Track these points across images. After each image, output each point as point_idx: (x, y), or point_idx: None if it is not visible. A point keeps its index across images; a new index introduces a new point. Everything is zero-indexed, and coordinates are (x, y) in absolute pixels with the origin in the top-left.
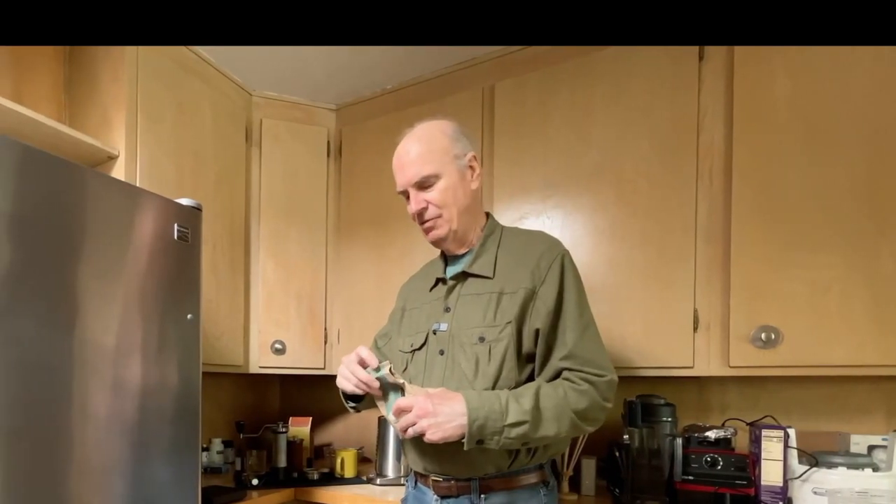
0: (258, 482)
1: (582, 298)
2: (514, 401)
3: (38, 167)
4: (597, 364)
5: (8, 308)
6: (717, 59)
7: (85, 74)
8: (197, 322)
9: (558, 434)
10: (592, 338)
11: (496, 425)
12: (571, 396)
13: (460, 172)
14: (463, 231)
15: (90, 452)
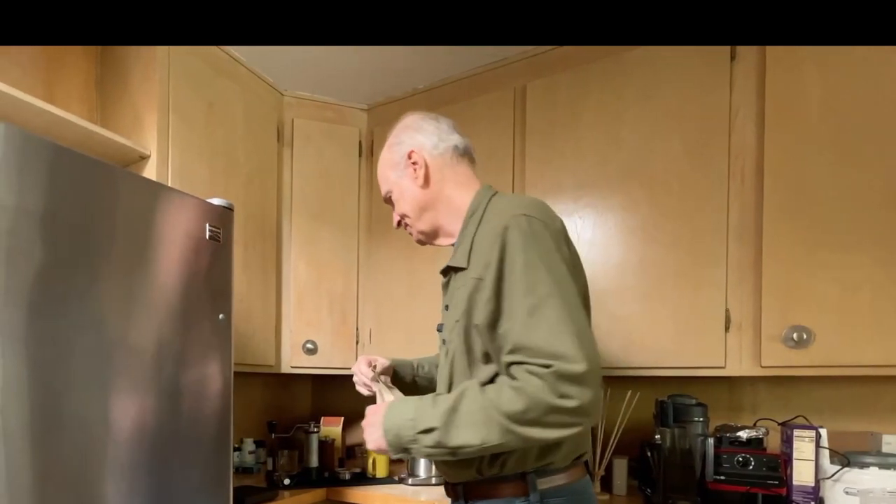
0: (290, 482)
1: (532, 272)
2: (431, 405)
3: (69, 167)
4: (547, 352)
5: (39, 308)
6: (749, 59)
7: (116, 74)
8: (228, 322)
9: (484, 442)
10: (546, 319)
11: (409, 433)
12: (505, 396)
13: (402, 178)
14: (432, 228)
15: (122, 452)
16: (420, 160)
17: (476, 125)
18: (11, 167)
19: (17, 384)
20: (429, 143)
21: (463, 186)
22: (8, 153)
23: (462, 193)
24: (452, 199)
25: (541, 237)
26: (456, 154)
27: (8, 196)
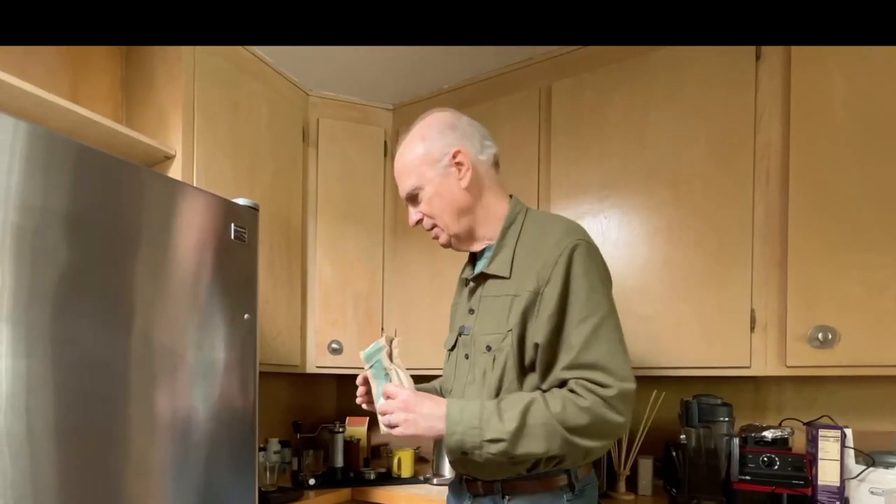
0: (315, 482)
1: (594, 295)
2: (497, 416)
3: (95, 167)
4: (608, 370)
5: (65, 307)
6: (774, 59)
7: (141, 74)
8: (254, 322)
9: (548, 451)
10: (605, 339)
11: (474, 440)
12: (570, 412)
13: (443, 176)
14: (467, 232)
15: (147, 452)
16: (466, 161)
17: (501, 125)
18: (37, 167)
19: (42, 383)
20: (473, 147)
21: (499, 195)
22: (34, 153)
23: (499, 201)
24: (489, 207)
25: (598, 263)
26: (494, 162)
27: (34, 196)
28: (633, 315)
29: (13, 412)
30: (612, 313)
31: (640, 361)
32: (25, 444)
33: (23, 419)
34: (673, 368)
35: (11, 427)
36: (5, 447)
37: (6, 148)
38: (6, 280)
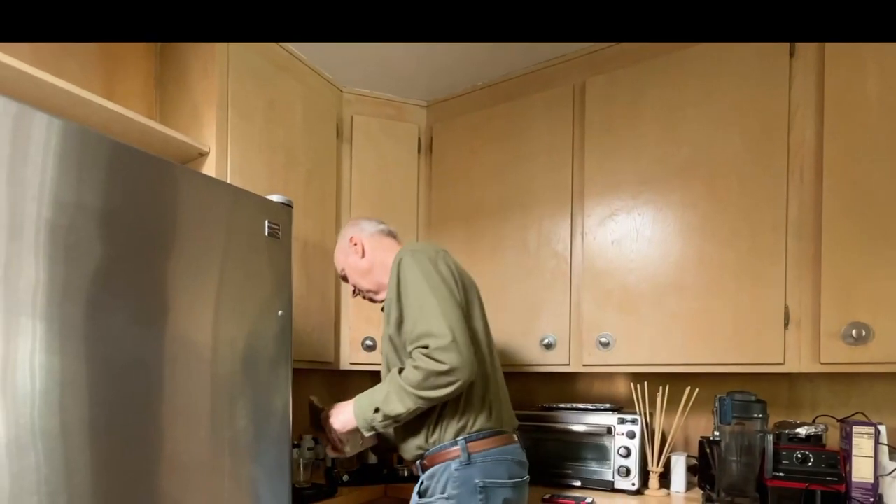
0: (349, 479)
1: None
2: (373, 393)
3: (129, 164)
4: (429, 333)
5: (100, 304)
6: (808, 55)
7: (175, 71)
8: (288, 318)
9: (410, 409)
10: (427, 310)
11: (369, 415)
12: (409, 373)
13: (351, 258)
14: (371, 287)
15: (181, 448)
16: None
17: (535, 122)
18: (71, 164)
19: (76, 380)
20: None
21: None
22: (67, 150)
23: (388, 260)
24: (383, 265)
25: (419, 259)
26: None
27: (67, 192)
28: (667, 312)
29: (47, 409)
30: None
31: (674, 358)
32: (59, 441)
33: (56, 416)
34: (707, 365)
35: (45, 423)
36: (39, 443)
37: (40, 144)
38: (40, 276)
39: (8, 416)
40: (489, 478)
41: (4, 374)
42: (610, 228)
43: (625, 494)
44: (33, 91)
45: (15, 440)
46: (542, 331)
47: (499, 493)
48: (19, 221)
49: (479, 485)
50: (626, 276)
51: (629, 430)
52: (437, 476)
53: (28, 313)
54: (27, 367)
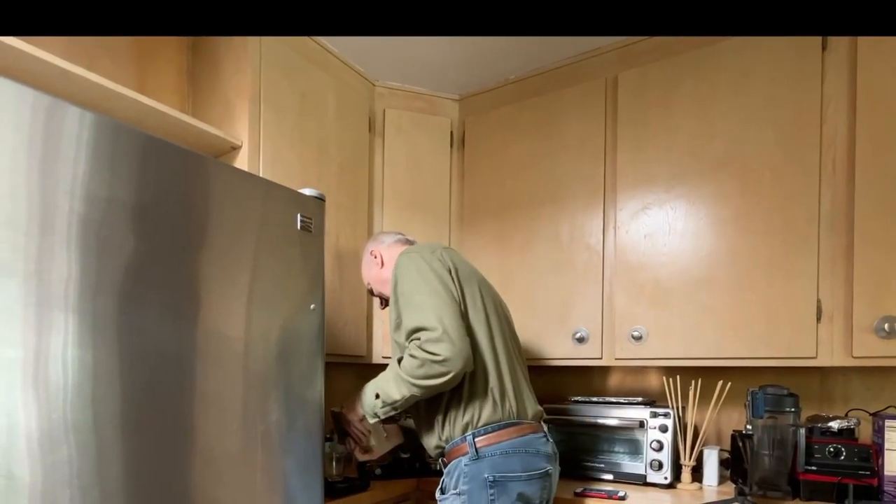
0: (381, 472)
1: (407, 286)
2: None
3: (161, 157)
4: (421, 327)
5: (132, 298)
6: (841, 49)
7: (208, 65)
8: (320, 312)
9: (405, 396)
10: (418, 307)
11: (371, 403)
12: (406, 363)
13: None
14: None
15: (213, 442)
16: (377, 254)
17: (567, 115)
18: (103, 158)
19: (108, 374)
20: None
21: None
22: (100, 144)
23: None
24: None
25: (414, 261)
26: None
27: (100, 187)
28: (699, 305)
29: (79, 402)
30: (422, 290)
31: (705, 352)
32: (91, 434)
33: (89, 409)
34: (739, 359)
35: (77, 417)
36: (72, 437)
37: (73, 138)
38: (72, 270)
39: (41, 409)
40: (499, 472)
41: (37, 367)
42: (642, 222)
43: (657, 488)
44: (66, 85)
45: (48, 434)
46: (575, 324)
47: (511, 487)
48: (51, 215)
49: (488, 479)
50: (659, 270)
51: (661, 424)
52: (451, 472)
53: (60, 307)
54: (59, 361)
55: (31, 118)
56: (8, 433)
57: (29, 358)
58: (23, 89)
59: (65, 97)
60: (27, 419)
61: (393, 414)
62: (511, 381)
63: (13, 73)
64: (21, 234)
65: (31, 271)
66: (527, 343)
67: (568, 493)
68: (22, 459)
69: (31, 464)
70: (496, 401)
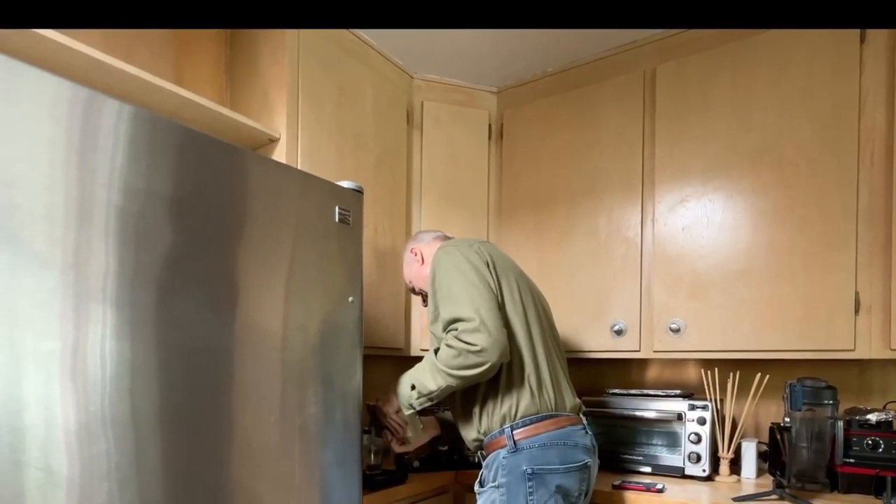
0: (419, 465)
1: (445, 278)
2: (412, 373)
3: (199, 150)
4: (458, 318)
5: (170, 291)
6: (879, 41)
7: (246, 57)
8: (358, 304)
9: (441, 386)
10: (455, 298)
11: (407, 394)
12: (442, 352)
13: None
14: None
15: (251, 435)
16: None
17: (605, 108)
18: (141, 150)
19: (146, 367)
20: None
21: None
22: (138, 136)
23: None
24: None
25: (452, 255)
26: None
27: (138, 179)
28: (737, 298)
29: (117, 395)
30: (459, 282)
31: (744, 344)
32: (130, 428)
33: (126, 402)
34: (777, 351)
35: (116, 410)
36: (109, 430)
37: (110, 131)
38: (111, 262)
39: (79, 402)
40: (537, 464)
41: (75, 360)
42: (680, 215)
43: (695, 480)
44: (104, 77)
45: (86, 427)
46: (613, 317)
47: (549, 480)
48: (89, 208)
49: (526, 471)
50: (697, 263)
51: (700, 417)
52: (489, 465)
53: (98, 300)
54: (97, 354)
55: (69, 111)
56: (46, 426)
57: (67, 351)
58: (61, 82)
59: (103, 89)
60: (65, 412)
61: (429, 405)
62: (549, 373)
63: (52, 66)
64: (59, 226)
65: (70, 264)
66: (564, 336)
67: (606, 486)
68: (60, 452)
69: (69, 457)
70: (534, 392)
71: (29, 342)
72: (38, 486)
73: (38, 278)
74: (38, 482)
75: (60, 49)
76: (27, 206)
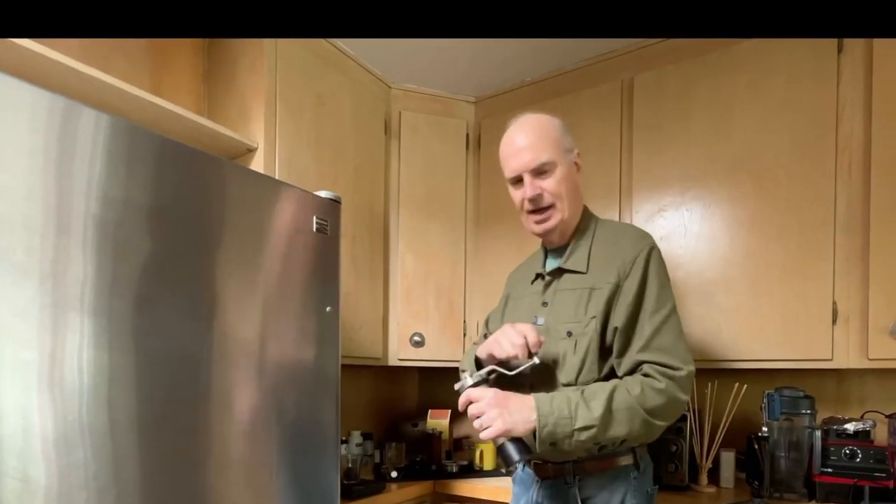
0: (397, 475)
1: (664, 291)
2: (585, 405)
3: (177, 159)
4: (675, 356)
5: (148, 300)
6: (856, 51)
7: (223, 67)
8: (336, 314)
9: (630, 434)
10: (671, 330)
11: (565, 430)
12: (648, 395)
13: (570, 165)
14: (567, 223)
15: (229, 444)
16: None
17: (583, 117)
18: (119, 160)
19: (125, 376)
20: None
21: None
22: (115, 146)
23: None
24: (578, 208)
25: (664, 265)
26: None
27: (116, 189)
28: (715, 308)
29: (95, 404)
30: (675, 308)
31: (721, 354)
32: (107, 437)
33: (104, 411)
34: (755, 361)
35: (93, 419)
36: (87, 439)
37: (88, 140)
38: (88, 272)
39: (56, 411)
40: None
41: (52, 369)
42: (658, 224)
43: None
44: (81, 87)
45: (63, 436)
46: None
47: None
48: (67, 217)
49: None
50: (675, 272)
51: (677, 426)
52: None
53: (76, 309)
54: (75, 363)
55: (47, 120)
56: (24, 435)
57: (44, 360)
58: (39, 91)
59: (80, 99)
60: (43, 421)
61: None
62: None
63: (29, 76)
64: (37, 235)
65: (47, 273)
66: None
67: None
68: (37, 462)
69: (46, 466)
70: None
71: (7, 351)
72: (16, 495)
73: (17, 287)
74: (16, 492)
75: (38, 59)
76: (5, 216)
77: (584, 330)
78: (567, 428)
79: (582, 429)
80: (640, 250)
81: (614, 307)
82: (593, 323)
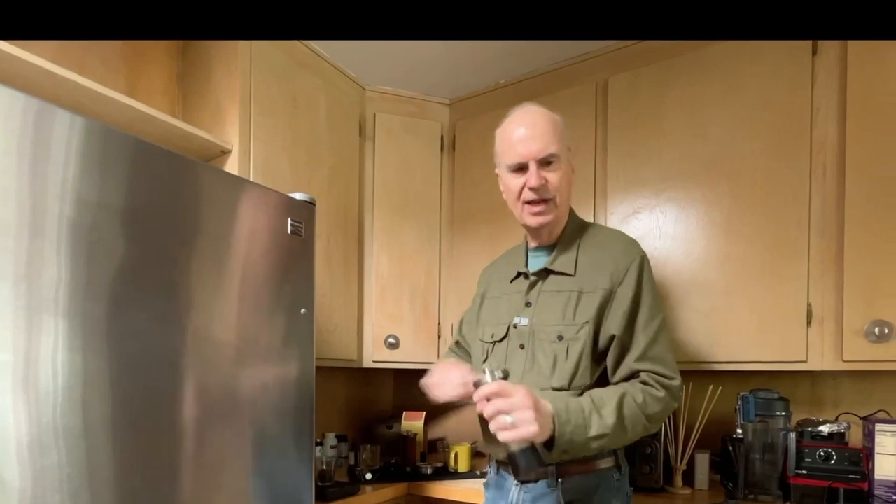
0: (371, 476)
1: (656, 301)
2: (597, 413)
3: (151, 161)
4: (668, 366)
5: (122, 302)
6: (831, 53)
7: (198, 69)
8: (310, 316)
9: (631, 439)
10: (663, 341)
11: (580, 438)
12: (649, 403)
13: (569, 164)
14: (559, 222)
15: (204, 446)
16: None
17: None
18: (93, 162)
19: (99, 378)
20: None
21: None
22: (90, 148)
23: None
24: (568, 207)
25: (651, 272)
26: None
27: (90, 191)
28: (691, 309)
29: (69, 406)
30: (665, 319)
31: (696, 356)
32: (81, 439)
33: (78, 413)
34: (730, 363)
35: (67, 422)
36: (61, 442)
37: (63, 142)
38: (62, 274)
39: (30, 414)
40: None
41: (27, 372)
42: (633, 226)
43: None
44: (56, 89)
45: (37, 439)
46: None
47: None
48: (41, 219)
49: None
50: None
51: None
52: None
53: (50, 311)
54: (49, 365)
55: (21, 122)
56: None
57: (19, 362)
58: (12, 93)
59: (54, 101)
60: (17, 423)
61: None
62: None
63: (2, 77)
64: (11, 237)
65: (21, 275)
66: None
67: None
68: (12, 464)
69: (20, 468)
70: None
71: None
72: None
73: None
74: None
75: (12, 60)
76: None
77: (577, 335)
78: (582, 436)
79: (596, 437)
80: (633, 258)
81: (608, 313)
82: (586, 328)
